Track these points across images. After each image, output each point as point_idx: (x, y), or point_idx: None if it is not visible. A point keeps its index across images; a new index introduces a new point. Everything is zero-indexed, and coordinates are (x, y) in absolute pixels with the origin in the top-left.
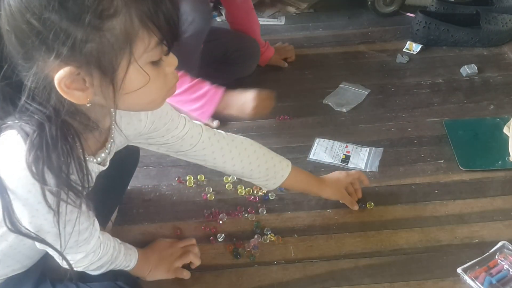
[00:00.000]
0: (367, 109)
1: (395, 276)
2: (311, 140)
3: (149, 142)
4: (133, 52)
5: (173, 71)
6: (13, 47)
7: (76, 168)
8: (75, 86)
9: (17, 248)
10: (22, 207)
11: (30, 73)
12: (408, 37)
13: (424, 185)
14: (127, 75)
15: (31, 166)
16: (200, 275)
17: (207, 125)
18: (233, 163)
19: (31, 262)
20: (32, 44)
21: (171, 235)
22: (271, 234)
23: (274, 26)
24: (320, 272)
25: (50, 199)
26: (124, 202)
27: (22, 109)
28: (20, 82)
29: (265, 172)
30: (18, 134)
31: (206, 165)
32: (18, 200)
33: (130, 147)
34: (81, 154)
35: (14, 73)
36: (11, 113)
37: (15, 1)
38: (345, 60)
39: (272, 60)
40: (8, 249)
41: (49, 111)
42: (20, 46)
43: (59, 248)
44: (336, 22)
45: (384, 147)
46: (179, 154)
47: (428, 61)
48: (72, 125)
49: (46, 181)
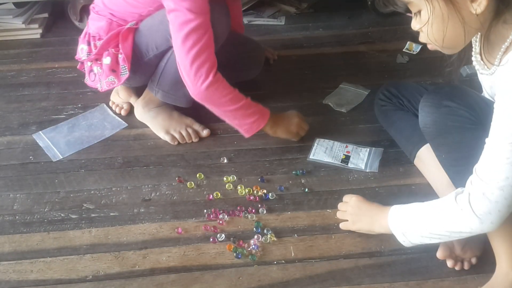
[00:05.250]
0: (367, 109)
1: (395, 276)
2: (311, 140)
3: None
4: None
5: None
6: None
7: None
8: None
9: None
10: None
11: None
12: (408, 37)
13: (424, 185)
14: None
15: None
16: (200, 275)
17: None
18: None
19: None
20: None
21: (171, 235)
22: (271, 234)
23: (274, 26)
24: (320, 272)
25: None
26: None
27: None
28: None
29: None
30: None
31: None
32: None
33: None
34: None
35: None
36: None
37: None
38: (345, 60)
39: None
40: None
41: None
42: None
43: None
44: (336, 22)
45: (384, 147)
46: None
47: (428, 61)
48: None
49: None
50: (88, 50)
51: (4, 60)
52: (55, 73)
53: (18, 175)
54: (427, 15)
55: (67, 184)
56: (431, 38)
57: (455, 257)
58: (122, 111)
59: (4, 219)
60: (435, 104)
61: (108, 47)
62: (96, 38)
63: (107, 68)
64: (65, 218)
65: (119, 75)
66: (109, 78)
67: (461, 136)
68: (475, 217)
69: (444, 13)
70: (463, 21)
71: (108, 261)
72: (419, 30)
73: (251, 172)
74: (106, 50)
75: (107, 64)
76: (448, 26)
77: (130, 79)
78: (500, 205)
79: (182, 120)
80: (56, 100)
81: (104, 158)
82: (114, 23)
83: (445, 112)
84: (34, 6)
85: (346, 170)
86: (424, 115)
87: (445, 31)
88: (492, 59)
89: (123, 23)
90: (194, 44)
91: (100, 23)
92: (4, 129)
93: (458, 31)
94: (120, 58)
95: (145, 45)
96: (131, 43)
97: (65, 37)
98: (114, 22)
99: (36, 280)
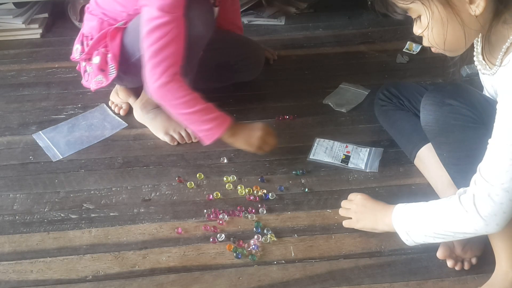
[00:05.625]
0: (367, 109)
1: (395, 276)
2: (311, 140)
3: None
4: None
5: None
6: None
7: None
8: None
9: None
10: None
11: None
12: (408, 37)
13: (424, 185)
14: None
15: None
16: (200, 275)
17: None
18: None
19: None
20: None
21: (171, 235)
22: (271, 234)
23: (274, 26)
24: (320, 272)
25: None
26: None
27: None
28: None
29: None
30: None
31: None
32: None
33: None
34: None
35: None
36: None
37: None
38: (345, 60)
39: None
40: None
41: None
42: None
43: None
44: (336, 22)
45: (384, 147)
46: None
47: (428, 61)
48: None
49: None
50: (81, 50)
51: (4, 60)
52: (55, 73)
53: (18, 175)
54: (426, 20)
55: (67, 184)
56: (433, 42)
57: (455, 257)
58: (121, 111)
59: (4, 219)
60: (437, 102)
61: (98, 47)
62: (89, 38)
63: (96, 67)
64: (65, 218)
65: (107, 75)
66: (97, 78)
67: (463, 135)
68: (480, 219)
69: (443, 17)
70: (462, 23)
71: (108, 261)
72: (421, 34)
73: (251, 172)
74: (96, 49)
75: (96, 64)
76: (448, 29)
77: (122, 79)
78: (505, 207)
79: None
80: (56, 100)
81: (104, 158)
82: (105, 23)
83: (447, 111)
84: (34, 6)
85: (346, 170)
86: (426, 113)
87: (446, 35)
88: (493, 59)
89: (114, 22)
90: (155, 41)
91: (92, 23)
92: (4, 129)
93: (458, 34)
94: (109, 58)
95: (132, 45)
96: (119, 42)
97: (65, 37)
98: (106, 22)
99: (36, 280)
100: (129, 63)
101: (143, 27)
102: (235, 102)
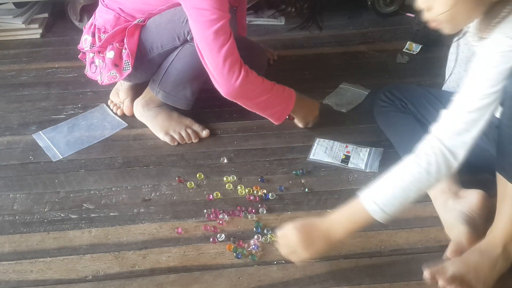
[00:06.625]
0: (367, 109)
1: (395, 276)
2: (311, 140)
3: None
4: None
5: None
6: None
7: None
8: None
9: None
10: None
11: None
12: (408, 37)
13: None
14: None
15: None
16: (200, 275)
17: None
18: None
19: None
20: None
21: (171, 235)
22: (271, 234)
23: (274, 26)
24: (320, 272)
25: None
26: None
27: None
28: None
29: None
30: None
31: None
32: None
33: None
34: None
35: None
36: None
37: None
38: (345, 60)
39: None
40: None
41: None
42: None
43: None
44: (336, 22)
45: (384, 147)
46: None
47: (428, 61)
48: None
49: None
50: (92, 42)
51: (4, 60)
52: (55, 73)
53: (18, 175)
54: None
55: (67, 184)
56: (439, 14)
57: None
58: (119, 111)
59: (4, 219)
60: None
61: (113, 41)
62: (102, 30)
63: (110, 62)
64: (65, 218)
65: (121, 70)
66: (111, 72)
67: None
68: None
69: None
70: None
71: (108, 261)
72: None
73: (251, 172)
74: (111, 44)
75: (110, 58)
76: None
77: (131, 75)
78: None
79: (182, 121)
80: (56, 100)
81: (104, 158)
82: (122, 18)
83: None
84: (34, 6)
85: (346, 170)
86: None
87: (459, 5)
88: (485, 34)
89: (130, 19)
90: (225, 42)
91: (108, 16)
92: (4, 129)
93: (472, 5)
94: (124, 54)
95: (150, 43)
96: (137, 39)
97: (65, 37)
98: (122, 17)
99: (36, 280)
100: (144, 59)
101: (206, 29)
102: (235, 102)
